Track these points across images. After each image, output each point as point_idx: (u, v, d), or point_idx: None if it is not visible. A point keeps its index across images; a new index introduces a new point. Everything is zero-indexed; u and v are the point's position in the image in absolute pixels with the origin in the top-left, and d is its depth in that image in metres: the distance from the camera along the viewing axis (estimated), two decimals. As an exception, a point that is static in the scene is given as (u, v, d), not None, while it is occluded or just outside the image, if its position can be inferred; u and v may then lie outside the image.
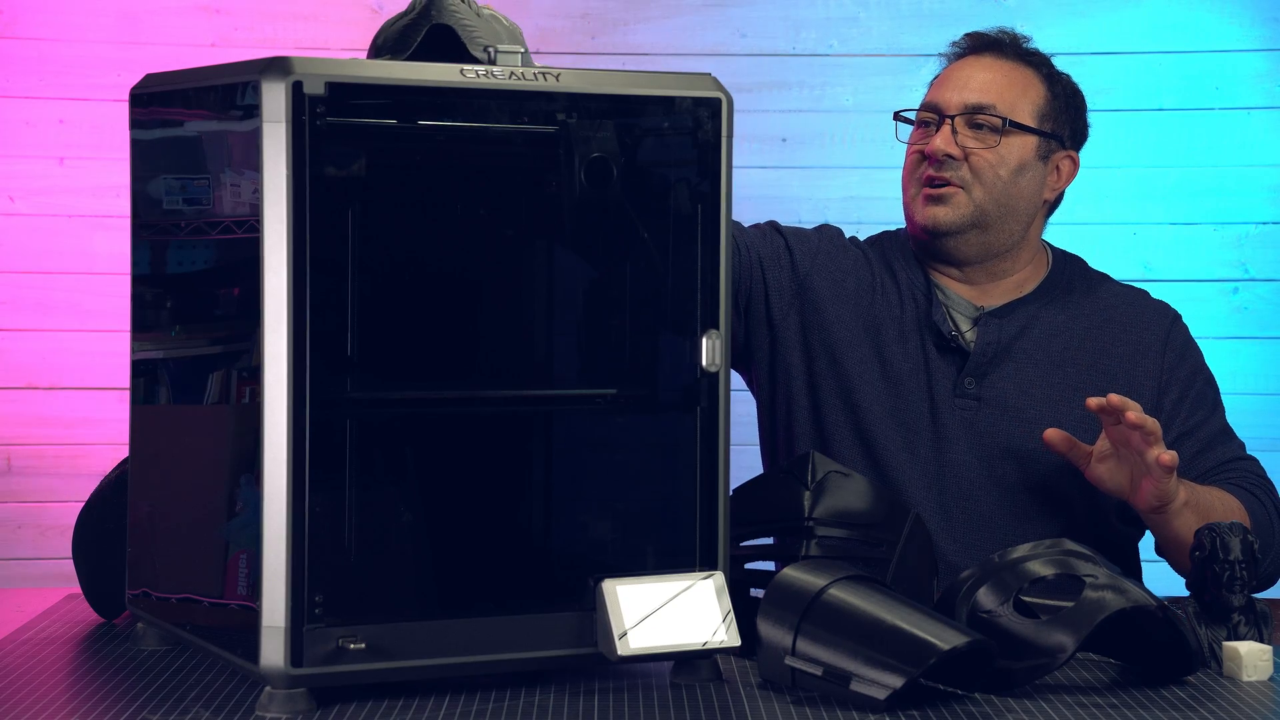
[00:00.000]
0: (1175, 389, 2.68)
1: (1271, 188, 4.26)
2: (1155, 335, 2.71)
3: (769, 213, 2.74)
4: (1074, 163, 2.74)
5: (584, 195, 2.13)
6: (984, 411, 2.65)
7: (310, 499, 1.99)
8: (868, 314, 2.71)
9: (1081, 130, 2.77)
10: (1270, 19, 4.25)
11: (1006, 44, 2.74)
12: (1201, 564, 2.24)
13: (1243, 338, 4.23)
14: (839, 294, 2.72)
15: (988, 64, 2.72)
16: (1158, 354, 2.70)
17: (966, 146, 2.67)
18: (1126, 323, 2.72)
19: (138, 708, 2.02)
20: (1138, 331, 2.71)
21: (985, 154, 2.66)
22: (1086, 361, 2.67)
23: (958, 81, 2.71)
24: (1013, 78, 2.70)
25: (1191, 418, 2.67)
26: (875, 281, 2.74)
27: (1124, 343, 2.69)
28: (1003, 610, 2.13)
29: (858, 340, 2.70)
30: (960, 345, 2.67)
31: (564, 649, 2.09)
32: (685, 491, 2.16)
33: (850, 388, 2.68)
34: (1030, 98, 2.70)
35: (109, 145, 4.13)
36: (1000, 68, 2.71)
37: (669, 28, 4.28)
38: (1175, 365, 2.70)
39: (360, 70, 2.02)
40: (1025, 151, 2.69)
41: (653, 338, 2.19)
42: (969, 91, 2.69)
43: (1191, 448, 2.64)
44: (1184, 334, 2.75)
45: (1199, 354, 2.75)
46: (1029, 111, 2.69)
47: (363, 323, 2.03)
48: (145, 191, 2.26)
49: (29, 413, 4.21)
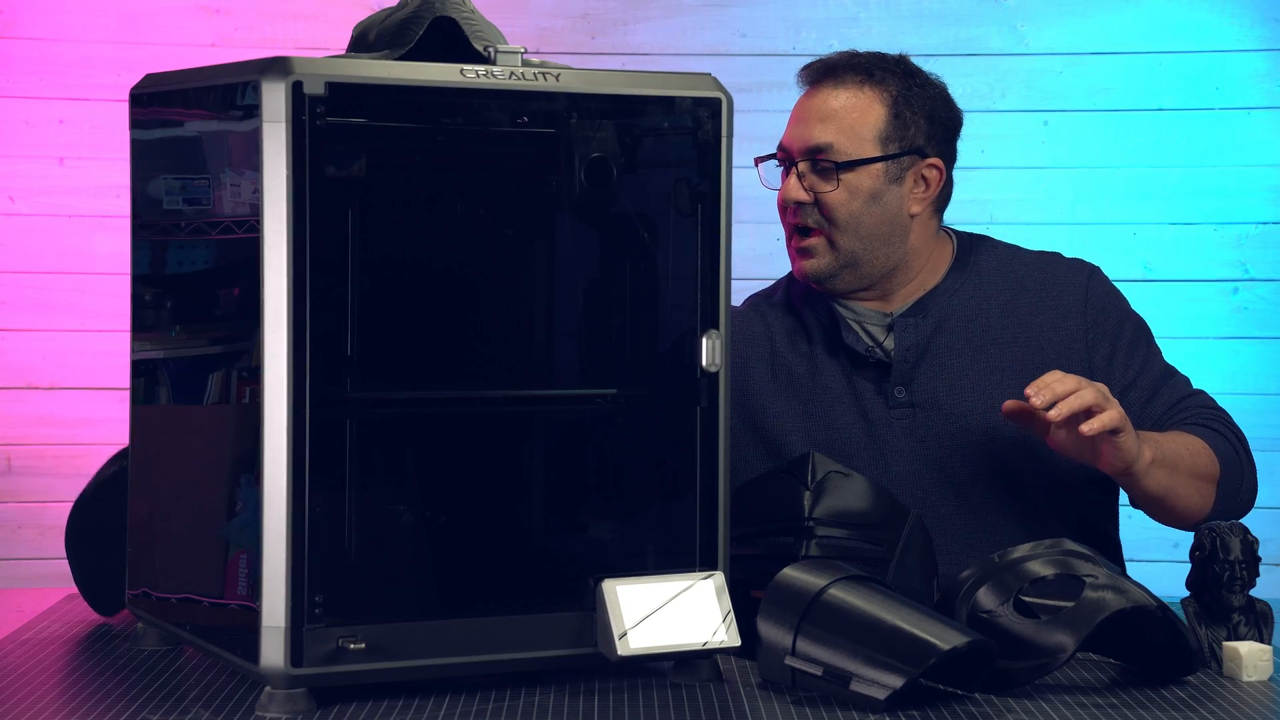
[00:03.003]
0: (1105, 344, 2.64)
1: (1271, 188, 4.26)
2: (1074, 295, 2.68)
3: (769, 212, 2.74)
4: (940, 170, 2.67)
5: (584, 195, 2.13)
6: (920, 415, 2.62)
7: (310, 499, 1.99)
8: (774, 368, 2.69)
9: (945, 128, 2.69)
10: (1270, 19, 4.25)
11: (842, 67, 2.67)
12: (1201, 564, 2.24)
13: (1243, 338, 4.23)
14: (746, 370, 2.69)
15: (825, 96, 2.66)
16: (1079, 313, 2.66)
17: (815, 189, 2.64)
18: (1041, 289, 2.68)
19: (138, 708, 2.02)
20: (1055, 295, 2.68)
21: (831, 196, 2.63)
22: (1009, 338, 2.64)
23: (798, 120, 2.67)
24: (848, 107, 2.64)
25: (1130, 368, 2.63)
26: (771, 334, 2.72)
27: (1043, 310, 2.66)
28: (1003, 610, 2.13)
29: (771, 398, 2.67)
30: (880, 357, 2.64)
31: (564, 649, 2.09)
32: (685, 491, 2.16)
33: (776, 444, 2.64)
34: (869, 123, 2.64)
35: (109, 145, 4.13)
36: (836, 98, 2.65)
37: (669, 28, 4.28)
38: (1099, 319, 2.66)
39: (360, 70, 2.02)
40: (873, 180, 2.64)
41: (653, 338, 2.19)
42: (807, 131, 2.65)
43: (1138, 398, 2.61)
44: (1103, 285, 2.70)
45: (1123, 301, 2.71)
46: (870, 138, 2.64)
47: (363, 323, 2.03)
48: (145, 191, 2.26)
49: (29, 413, 4.22)
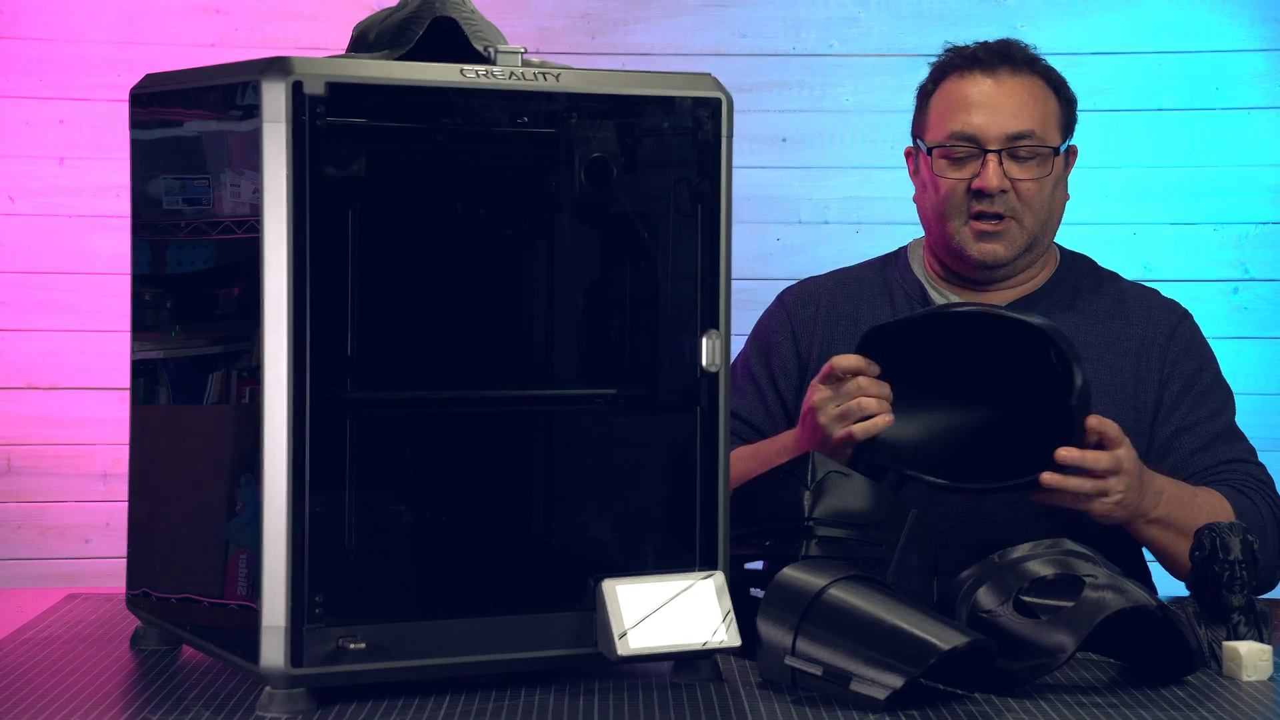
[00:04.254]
0: (1177, 383, 2.67)
1: (1271, 188, 4.26)
2: (1162, 329, 2.71)
3: (769, 213, 2.75)
4: (1075, 150, 2.75)
5: (584, 195, 2.13)
6: None
7: (310, 499, 1.99)
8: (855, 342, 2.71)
9: (1074, 112, 2.76)
10: (1270, 19, 4.25)
11: (1018, 56, 2.70)
12: (1201, 564, 2.24)
13: (1243, 338, 4.23)
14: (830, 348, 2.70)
15: (1011, 84, 2.68)
16: (1162, 348, 2.69)
17: (1012, 176, 2.65)
18: (1134, 318, 2.71)
19: (138, 708, 2.02)
20: (1145, 326, 2.71)
21: (1033, 183, 2.66)
22: (1094, 355, 2.66)
23: (987, 107, 2.67)
24: (1035, 95, 2.68)
25: (1194, 413, 2.66)
26: (858, 316, 2.74)
27: (1131, 337, 2.69)
28: (1003, 610, 2.13)
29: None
30: None
31: (564, 649, 2.09)
32: (685, 491, 2.16)
33: None
34: (1052, 112, 2.69)
35: (109, 145, 4.13)
36: (1023, 87, 2.68)
37: (669, 28, 4.27)
38: (1179, 360, 2.69)
39: (360, 70, 2.02)
40: (1059, 168, 2.69)
41: (653, 338, 2.19)
42: (1004, 119, 2.65)
43: (1190, 444, 2.64)
44: (1192, 331, 2.74)
45: (1208, 352, 2.74)
46: (1055, 127, 2.69)
47: (363, 323, 2.03)
48: (145, 191, 2.26)
49: (29, 413, 4.21)
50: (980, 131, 2.66)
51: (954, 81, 2.71)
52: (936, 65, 2.75)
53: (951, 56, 2.73)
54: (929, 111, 2.73)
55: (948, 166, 2.68)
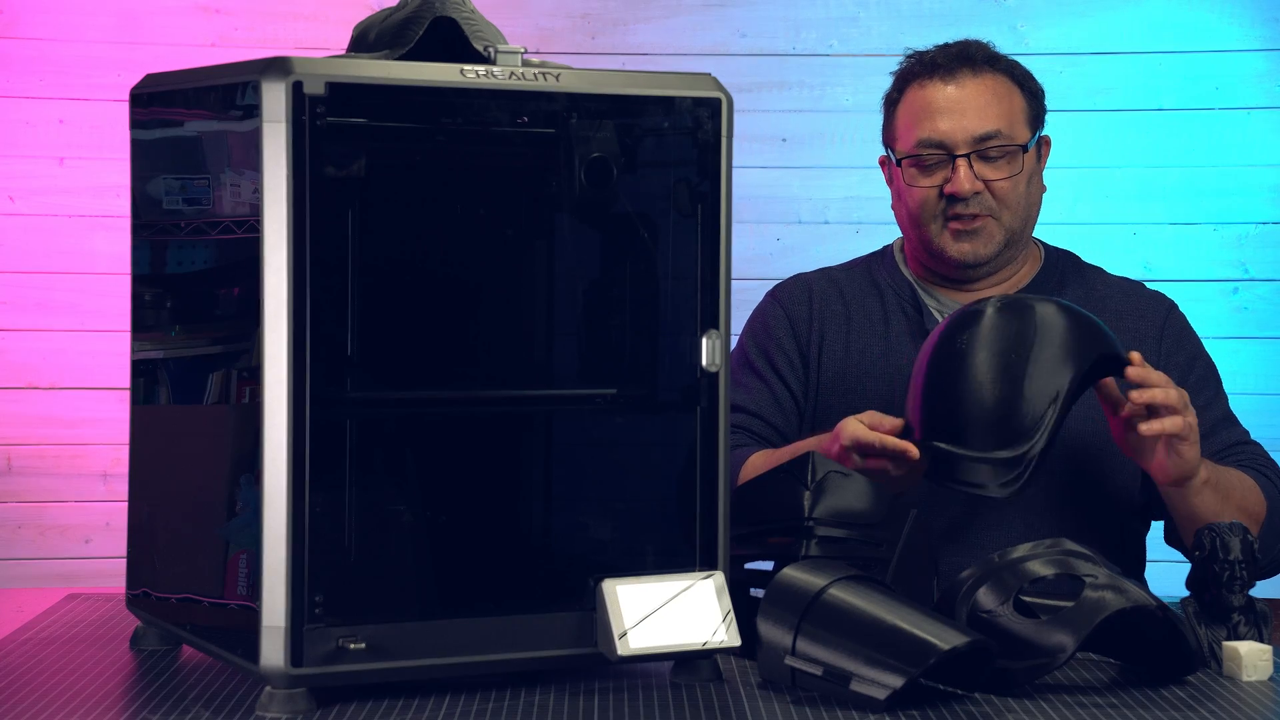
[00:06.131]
0: (1174, 373, 2.66)
1: (1271, 188, 4.26)
2: (1151, 323, 2.71)
3: (769, 213, 2.75)
4: (1048, 140, 2.75)
5: (584, 195, 2.13)
6: None
7: (310, 499, 1.99)
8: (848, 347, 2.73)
9: (1042, 102, 2.75)
10: (1270, 19, 4.25)
11: (977, 57, 2.70)
12: (1201, 564, 2.24)
13: (1243, 338, 4.23)
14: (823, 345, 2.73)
15: (973, 86, 2.68)
16: (1154, 341, 2.70)
17: (984, 177, 2.66)
18: (1121, 312, 2.72)
19: (138, 708, 2.02)
20: (1133, 320, 2.71)
21: (1006, 182, 2.66)
22: None
23: (952, 111, 2.67)
24: (999, 94, 2.68)
25: (1194, 401, 2.65)
26: (849, 313, 2.75)
27: (1121, 330, 2.68)
28: (1003, 610, 2.12)
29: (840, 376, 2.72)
30: None
31: (564, 649, 2.09)
32: (685, 491, 2.16)
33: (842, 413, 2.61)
34: (1018, 108, 2.69)
35: (109, 145, 4.13)
36: (985, 87, 2.68)
37: (669, 28, 4.28)
38: (1172, 351, 2.70)
39: (360, 70, 2.02)
40: (1031, 162, 2.70)
41: (653, 338, 2.19)
42: (969, 122, 2.66)
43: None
44: (1180, 321, 2.75)
45: (1197, 341, 2.75)
46: (1022, 123, 2.69)
47: (363, 323, 2.03)
48: (145, 191, 2.26)
49: (29, 413, 4.22)
50: (947, 137, 2.67)
51: (916, 90, 2.71)
52: (898, 74, 2.75)
53: (912, 64, 2.73)
54: (896, 121, 2.74)
55: (919, 175, 2.69)
